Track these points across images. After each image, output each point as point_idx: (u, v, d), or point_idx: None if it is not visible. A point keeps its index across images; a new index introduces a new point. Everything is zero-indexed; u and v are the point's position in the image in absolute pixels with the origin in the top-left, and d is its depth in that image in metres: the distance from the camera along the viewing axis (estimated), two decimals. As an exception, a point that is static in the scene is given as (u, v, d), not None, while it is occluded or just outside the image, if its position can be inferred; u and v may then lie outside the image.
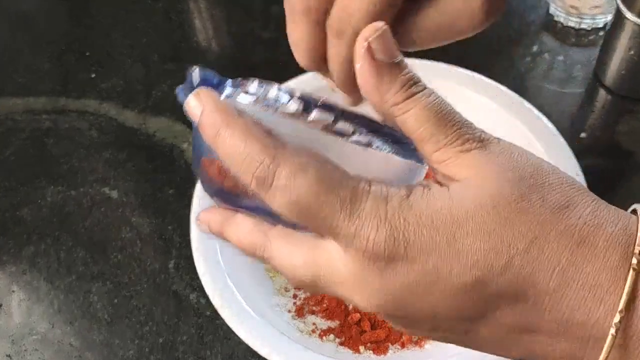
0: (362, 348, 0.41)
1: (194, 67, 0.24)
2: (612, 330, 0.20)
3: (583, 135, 0.54)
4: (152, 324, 0.46)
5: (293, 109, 0.23)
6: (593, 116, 0.56)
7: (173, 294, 0.47)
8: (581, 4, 0.60)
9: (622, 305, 0.20)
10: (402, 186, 0.22)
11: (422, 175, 0.24)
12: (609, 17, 0.58)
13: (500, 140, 0.23)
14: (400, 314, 0.22)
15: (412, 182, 0.23)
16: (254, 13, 0.66)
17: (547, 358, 0.22)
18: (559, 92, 0.58)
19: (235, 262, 0.42)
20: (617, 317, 0.20)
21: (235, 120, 0.22)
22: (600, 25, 0.62)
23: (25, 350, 0.45)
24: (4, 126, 0.59)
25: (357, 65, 0.22)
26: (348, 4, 0.24)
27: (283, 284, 0.44)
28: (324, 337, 0.41)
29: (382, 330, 0.41)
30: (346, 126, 0.23)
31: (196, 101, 0.24)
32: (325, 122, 0.23)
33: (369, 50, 0.22)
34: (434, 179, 0.23)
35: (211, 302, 0.39)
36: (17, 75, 0.63)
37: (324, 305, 0.43)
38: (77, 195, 0.53)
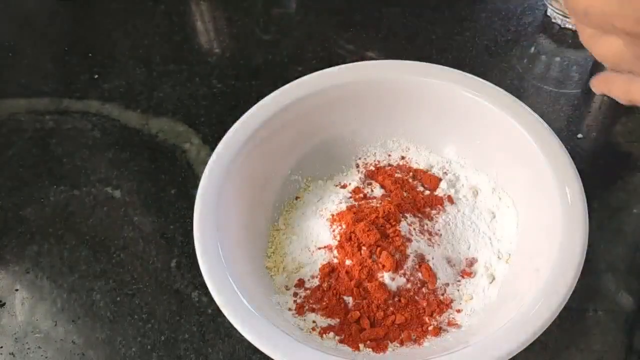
0: (361, 346, 0.41)
1: None
2: None
3: (580, 136, 0.55)
4: (154, 322, 0.46)
5: None
6: (589, 117, 0.56)
7: (175, 293, 0.47)
8: (578, 7, 0.61)
9: None
10: None
11: None
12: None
13: None
14: None
15: None
16: (256, 15, 0.67)
17: None
18: (555, 93, 0.58)
19: (236, 261, 0.42)
20: None
21: None
22: (597, 28, 0.62)
23: (29, 349, 0.46)
24: (7, 126, 0.60)
25: None
26: None
27: (283, 282, 0.45)
28: (324, 335, 0.41)
29: (382, 328, 0.42)
30: None
31: None
32: None
33: None
34: None
35: (213, 301, 0.39)
36: (20, 76, 0.64)
37: (324, 303, 0.43)
38: (80, 194, 0.54)
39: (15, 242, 0.52)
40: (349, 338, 0.42)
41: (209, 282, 0.40)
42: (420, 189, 0.49)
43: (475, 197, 0.49)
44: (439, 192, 0.49)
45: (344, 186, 0.50)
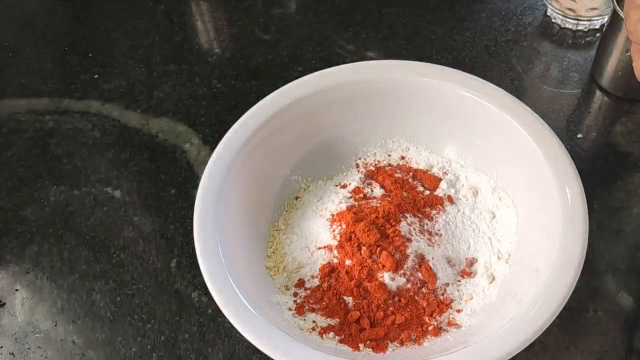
0: (361, 346, 0.41)
1: None
2: None
3: (579, 136, 0.55)
4: (155, 322, 0.46)
5: None
6: (589, 117, 0.56)
7: (175, 293, 0.47)
8: (578, 6, 0.61)
9: None
10: None
11: None
12: (606, 19, 0.59)
13: None
14: None
15: None
16: (255, 15, 0.67)
17: None
18: (555, 93, 0.58)
19: (236, 261, 0.42)
20: None
21: None
22: (597, 27, 0.62)
23: (29, 349, 0.46)
24: (7, 126, 0.60)
25: None
26: None
27: (283, 282, 0.45)
28: (324, 335, 0.41)
29: (382, 328, 0.42)
30: None
31: None
32: None
33: None
34: None
35: (213, 301, 0.39)
36: (20, 76, 0.64)
37: (324, 303, 0.43)
38: (80, 195, 0.54)
39: (15, 242, 0.52)
40: (349, 338, 0.42)
41: (209, 282, 0.40)
42: (420, 189, 0.49)
43: (475, 197, 0.49)
44: (439, 192, 0.49)
45: (344, 186, 0.50)
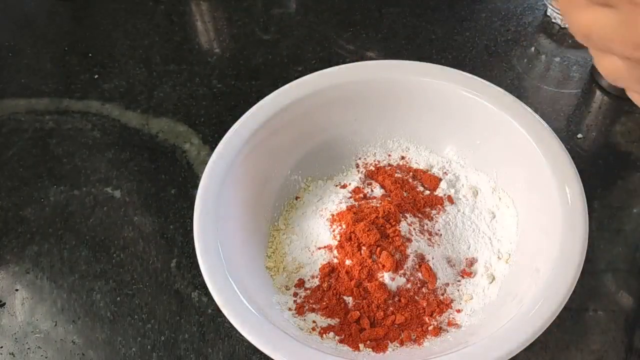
0: (361, 346, 0.41)
1: None
2: None
3: (579, 136, 0.55)
4: (155, 322, 0.46)
5: None
6: (589, 117, 0.56)
7: (175, 293, 0.47)
8: (578, 6, 0.61)
9: None
10: None
11: None
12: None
13: None
14: None
15: None
16: (256, 15, 0.67)
17: None
18: (555, 93, 0.58)
19: (236, 261, 0.42)
20: None
21: None
22: (597, 27, 0.62)
23: (29, 349, 0.46)
24: (7, 126, 0.60)
25: None
26: None
27: (283, 282, 0.45)
28: (324, 335, 0.41)
29: (382, 328, 0.42)
30: None
31: None
32: None
33: None
34: None
35: (213, 301, 0.39)
36: (20, 76, 0.64)
37: (324, 303, 0.43)
38: (80, 195, 0.54)
39: (15, 243, 0.52)
40: (349, 338, 0.42)
41: (209, 282, 0.40)
42: (420, 189, 0.49)
43: (475, 197, 0.49)
44: (439, 192, 0.49)
45: (344, 186, 0.50)
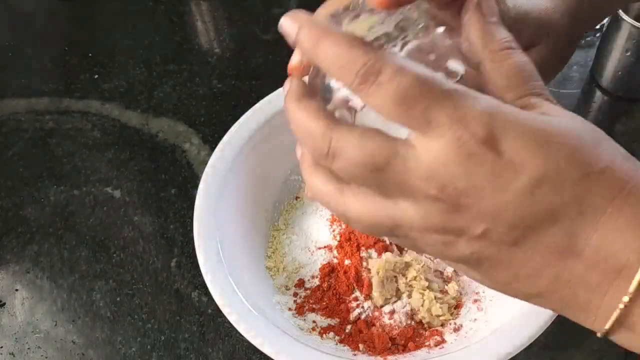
0: (361, 346, 0.41)
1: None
2: None
3: (580, 136, 0.55)
4: (155, 321, 0.46)
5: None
6: (590, 117, 0.56)
7: (175, 292, 0.47)
8: (578, 6, 0.61)
9: None
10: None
11: None
12: (606, 19, 0.59)
13: None
14: (463, 203, 0.22)
15: None
16: (255, 15, 0.67)
17: (574, 287, 0.23)
18: (556, 92, 0.58)
19: (236, 261, 0.42)
20: None
21: (334, 30, 0.23)
22: (597, 27, 0.62)
23: (29, 349, 0.46)
24: (7, 126, 0.60)
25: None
26: None
27: (283, 282, 0.45)
28: (324, 335, 0.41)
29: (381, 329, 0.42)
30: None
31: (291, 20, 0.25)
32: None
33: None
34: None
35: (213, 300, 0.39)
36: (20, 76, 0.64)
37: (324, 303, 0.43)
38: (80, 194, 0.54)
39: (15, 242, 0.52)
40: (349, 338, 0.42)
41: (209, 282, 0.40)
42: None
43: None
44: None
45: (344, 186, 0.50)
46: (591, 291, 0.22)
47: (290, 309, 0.43)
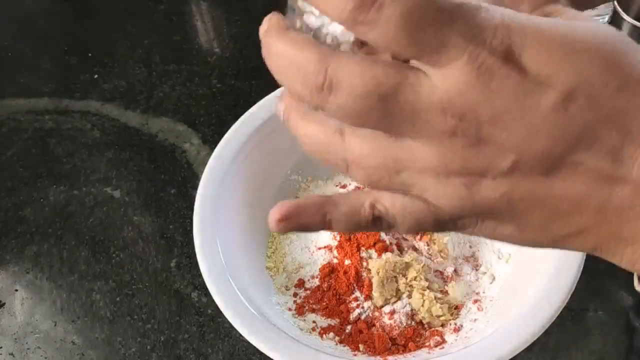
0: (361, 346, 0.41)
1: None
2: None
3: (580, 136, 0.55)
4: (154, 322, 0.46)
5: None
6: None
7: (175, 293, 0.47)
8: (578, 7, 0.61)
9: None
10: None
11: None
12: (606, 19, 0.59)
13: None
14: (487, 133, 0.19)
15: None
16: (255, 15, 0.67)
17: (620, 216, 0.20)
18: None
19: (236, 261, 0.42)
20: None
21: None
22: (598, 27, 0.62)
23: (28, 349, 0.46)
24: (6, 126, 0.60)
25: None
26: None
27: (283, 282, 0.45)
28: (324, 336, 0.41)
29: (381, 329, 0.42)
30: None
31: (265, 22, 0.22)
32: None
33: None
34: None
35: (212, 301, 0.39)
36: (19, 76, 0.64)
37: (324, 303, 0.43)
38: (80, 194, 0.54)
39: (14, 243, 0.52)
40: (349, 338, 0.41)
41: (209, 282, 0.40)
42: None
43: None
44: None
45: (344, 186, 0.50)
46: None
47: (290, 310, 0.43)
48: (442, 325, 0.42)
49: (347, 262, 0.43)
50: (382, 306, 0.42)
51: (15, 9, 0.71)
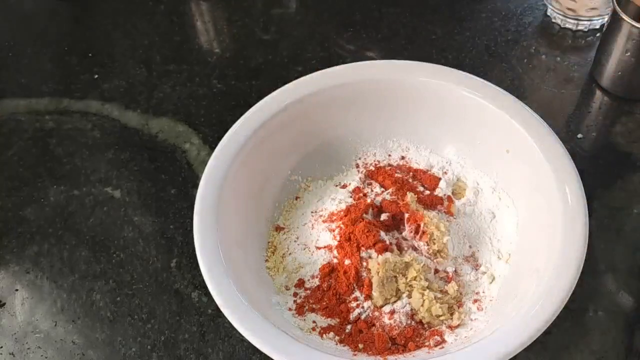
0: (361, 346, 0.41)
1: None
2: None
3: (580, 136, 0.55)
4: (154, 322, 0.46)
5: None
6: (589, 117, 0.56)
7: (175, 293, 0.47)
8: (578, 6, 0.61)
9: None
10: None
11: None
12: (606, 19, 0.59)
13: None
14: None
15: None
16: (255, 15, 0.67)
17: None
18: (555, 93, 0.58)
19: (236, 261, 0.42)
20: None
21: None
22: (597, 27, 0.62)
23: (29, 349, 0.46)
24: (7, 126, 0.60)
25: None
26: None
27: (283, 282, 0.45)
28: (324, 335, 0.42)
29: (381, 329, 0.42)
30: None
31: None
32: None
33: None
34: None
35: (213, 301, 0.39)
36: (20, 76, 0.64)
37: (324, 303, 0.43)
38: (80, 195, 0.54)
39: (15, 243, 0.52)
40: (349, 338, 0.42)
41: (209, 282, 0.40)
42: (421, 189, 0.49)
43: (476, 197, 0.49)
44: (438, 192, 0.49)
45: (344, 186, 0.50)
46: None
47: (290, 309, 0.43)
48: (442, 325, 0.42)
49: (347, 262, 0.44)
50: (382, 306, 0.42)
51: (15, 9, 0.71)
